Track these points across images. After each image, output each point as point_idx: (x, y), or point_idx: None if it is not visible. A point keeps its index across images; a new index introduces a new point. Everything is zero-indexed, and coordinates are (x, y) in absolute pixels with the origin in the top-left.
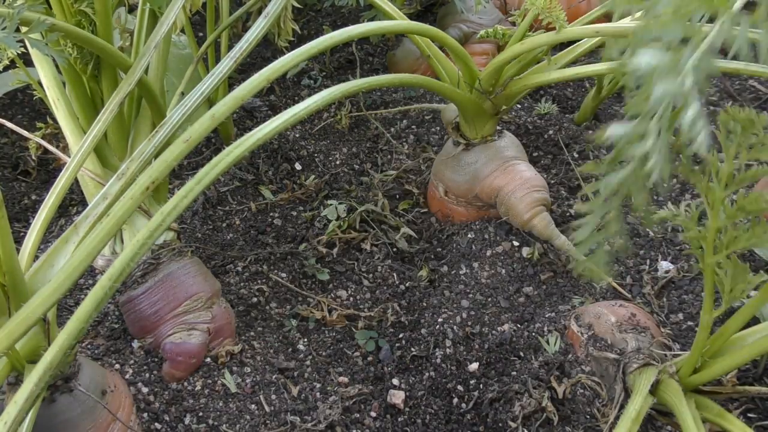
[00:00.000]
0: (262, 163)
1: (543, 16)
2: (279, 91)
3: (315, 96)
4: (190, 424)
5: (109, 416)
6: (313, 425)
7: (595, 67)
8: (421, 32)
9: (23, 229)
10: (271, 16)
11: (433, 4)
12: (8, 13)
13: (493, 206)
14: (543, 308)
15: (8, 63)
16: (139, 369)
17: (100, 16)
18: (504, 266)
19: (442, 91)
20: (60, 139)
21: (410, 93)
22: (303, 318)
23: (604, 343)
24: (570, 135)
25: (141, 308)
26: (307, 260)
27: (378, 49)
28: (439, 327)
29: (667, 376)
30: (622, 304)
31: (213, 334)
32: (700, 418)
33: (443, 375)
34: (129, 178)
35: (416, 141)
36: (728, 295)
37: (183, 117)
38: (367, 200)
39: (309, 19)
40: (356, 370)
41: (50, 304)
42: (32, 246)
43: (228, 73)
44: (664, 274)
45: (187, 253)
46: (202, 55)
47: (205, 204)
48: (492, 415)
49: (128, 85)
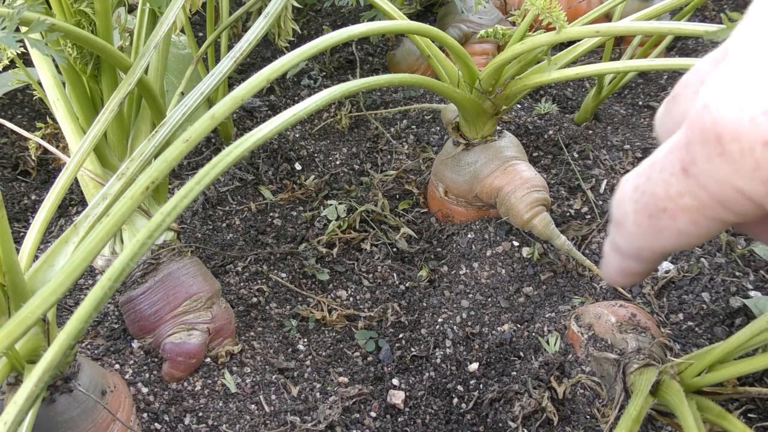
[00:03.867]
0: (262, 163)
1: (543, 16)
2: (279, 91)
3: (315, 96)
4: (190, 425)
5: (108, 416)
6: (313, 425)
7: (595, 67)
8: (421, 32)
9: (23, 229)
10: (271, 16)
11: (433, 4)
12: (8, 13)
13: (493, 206)
14: (543, 308)
15: (8, 63)
16: (139, 369)
17: (100, 16)
18: (504, 266)
19: (442, 91)
20: (60, 139)
21: (410, 93)
22: (303, 318)
23: (605, 343)
24: (570, 135)
25: (141, 308)
26: (307, 260)
27: (378, 49)
28: (439, 327)
29: (668, 377)
30: (623, 304)
31: (213, 334)
32: (701, 419)
33: (443, 375)
34: (129, 178)
35: (416, 141)
36: None
37: (183, 117)
38: (367, 200)
39: (309, 19)
40: (356, 370)
41: (50, 304)
42: (32, 246)
43: (228, 73)
44: (664, 274)
45: (187, 253)
46: (202, 55)
47: (205, 204)
48: (492, 415)
49: (128, 85)
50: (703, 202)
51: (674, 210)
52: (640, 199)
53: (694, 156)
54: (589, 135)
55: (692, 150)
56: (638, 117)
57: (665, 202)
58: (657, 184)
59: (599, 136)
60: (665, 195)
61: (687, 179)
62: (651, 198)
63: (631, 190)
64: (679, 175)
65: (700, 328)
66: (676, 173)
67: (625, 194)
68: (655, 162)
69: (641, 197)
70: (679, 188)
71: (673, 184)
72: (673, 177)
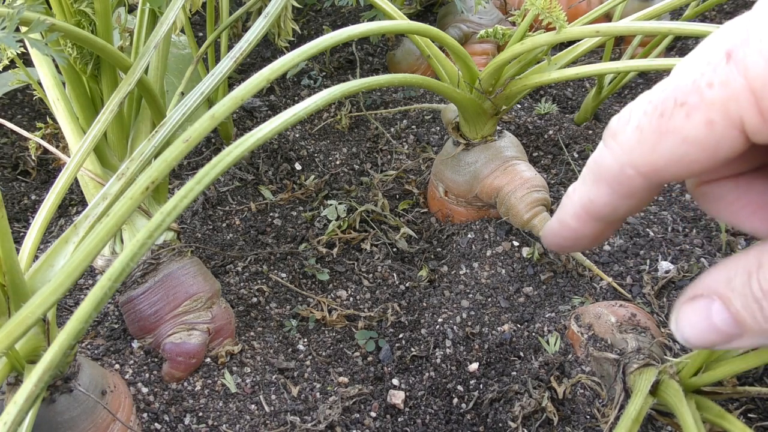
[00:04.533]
0: (262, 163)
1: (543, 16)
2: (279, 91)
3: (315, 96)
4: (190, 425)
5: (108, 416)
6: (313, 425)
7: (595, 67)
8: (421, 32)
9: (23, 229)
10: (271, 16)
11: (433, 4)
12: (8, 13)
13: (493, 206)
14: (543, 308)
15: (8, 63)
16: (139, 369)
17: (100, 16)
18: (504, 266)
19: (442, 91)
20: (60, 139)
21: (410, 93)
22: (303, 318)
23: (604, 343)
24: (570, 135)
25: (141, 308)
26: (307, 260)
27: (378, 49)
28: (439, 327)
29: (668, 377)
30: (622, 304)
31: (213, 334)
32: (700, 419)
33: (443, 375)
34: (129, 178)
35: (416, 141)
36: None
37: (183, 117)
38: (367, 200)
39: (309, 19)
40: (356, 370)
41: (50, 304)
42: (32, 246)
43: (228, 73)
44: (664, 274)
45: (187, 253)
46: (202, 55)
47: (205, 204)
48: (492, 415)
49: (128, 85)
50: (735, 90)
51: (694, 104)
52: (654, 100)
53: (748, 36)
54: (589, 135)
55: (749, 29)
56: None
57: (688, 95)
58: (685, 77)
59: (599, 136)
60: (692, 86)
61: (727, 65)
62: (671, 93)
63: (640, 100)
64: (718, 61)
65: None
66: (715, 60)
67: (632, 105)
68: (688, 65)
69: (657, 98)
70: (712, 76)
71: (706, 73)
72: (710, 65)
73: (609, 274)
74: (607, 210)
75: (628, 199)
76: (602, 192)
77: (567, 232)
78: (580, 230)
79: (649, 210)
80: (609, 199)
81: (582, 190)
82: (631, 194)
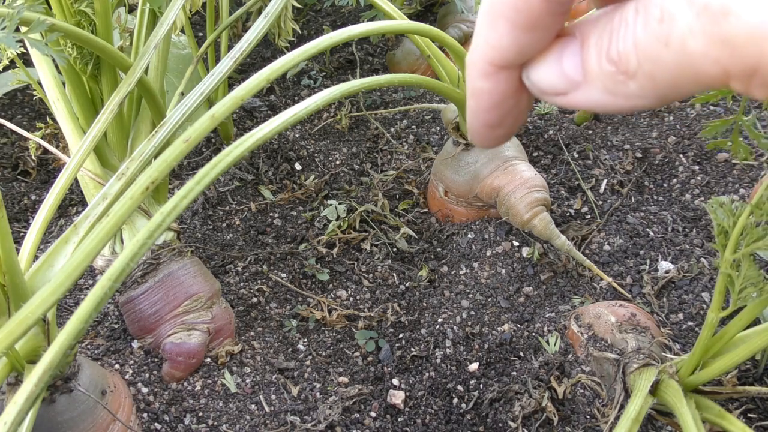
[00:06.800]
0: (262, 163)
1: None
2: (279, 91)
3: (315, 96)
4: (190, 425)
5: (109, 416)
6: (313, 425)
7: None
8: (421, 32)
9: (23, 229)
10: (271, 16)
11: (433, 4)
12: (8, 13)
13: (493, 206)
14: (543, 308)
15: (8, 63)
16: (139, 369)
17: (100, 16)
18: (504, 266)
19: (442, 91)
20: (60, 139)
21: (410, 93)
22: (303, 318)
23: (604, 343)
24: (570, 135)
25: (141, 308)
26: (307, 260)
27: (378, 49)
28: (439, 327)
29: (667, 377)
30: (622, 304)
31: (213, 334)
32: (700, 418)
33: (443, 375)
34: (129, 178)
35: (416, 141)
36: (737, 295)
37: (183, 117)
38: (367, 200)
39: (309, 19)
40: (356, 370)
41: (50, 304)
42: (32, 246)
43: (228, 73)
44: (664, 274)
45: (187, 253)
46: (202, 55)
47: (205, 204)
48: (492, 415)
49: (128, 85)
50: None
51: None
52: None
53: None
54: (589, 135)
55: None
56: (638, 117)
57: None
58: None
59: (599, 136)
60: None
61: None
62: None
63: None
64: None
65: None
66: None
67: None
68: None
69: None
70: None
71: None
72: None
73: (609, 274)
74: (513, 51)
75: (531, 31)
76: (502, 31)
77: (483, 101)
78: (495, 91)
79: (649, 210)
80: (511, 36)
81: (481, 44)
82: (533, 24)
